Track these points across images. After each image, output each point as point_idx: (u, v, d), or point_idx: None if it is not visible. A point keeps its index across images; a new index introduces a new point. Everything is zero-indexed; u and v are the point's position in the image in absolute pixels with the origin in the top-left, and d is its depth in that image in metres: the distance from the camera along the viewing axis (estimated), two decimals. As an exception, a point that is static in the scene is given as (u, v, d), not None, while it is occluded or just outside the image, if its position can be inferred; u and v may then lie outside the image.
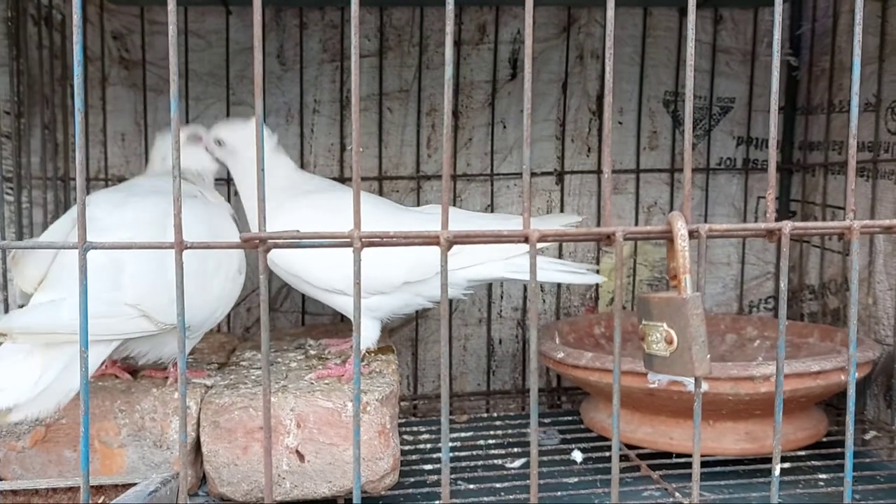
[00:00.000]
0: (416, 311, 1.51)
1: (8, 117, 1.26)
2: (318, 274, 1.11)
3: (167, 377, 1.06)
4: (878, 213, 1.30)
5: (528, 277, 1.14)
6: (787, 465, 1.13)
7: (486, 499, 1.04)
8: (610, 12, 0.59)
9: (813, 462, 1.15)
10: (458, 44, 1.48)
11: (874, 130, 1.31)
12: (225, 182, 1.43)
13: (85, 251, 0.53)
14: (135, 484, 0.74)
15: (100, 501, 0.74)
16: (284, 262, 1.11)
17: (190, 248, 0.54)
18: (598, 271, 1.50)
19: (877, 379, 1.30)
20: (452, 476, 1.11)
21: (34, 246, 0.57)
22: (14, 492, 0.76)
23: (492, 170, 1.51)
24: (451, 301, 1.51)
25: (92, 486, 0.73)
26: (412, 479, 1.11)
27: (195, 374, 1.09)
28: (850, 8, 1.37)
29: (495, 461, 1.18)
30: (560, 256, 1.54)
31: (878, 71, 1.29)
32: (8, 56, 1.21)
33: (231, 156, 1.17)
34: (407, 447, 1.22)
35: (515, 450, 1.22)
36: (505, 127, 1.52)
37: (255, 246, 0.56)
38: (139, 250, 0.66)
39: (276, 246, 0.56)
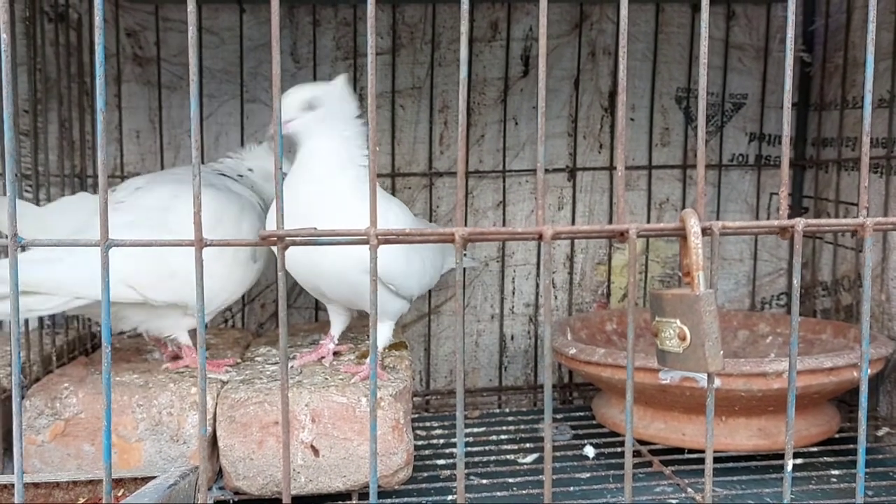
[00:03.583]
0: (429, 308, 1.52)
1: (26, 116, 1.27)
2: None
3: (187, 365, 1.09)
4: (892, 209, 1.30)
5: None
6: (799, 461, 1.13)
7: (498, 493, 1.05)
8: (623, 10, 0.59)
9: (825, 458, 1.15)
10: (470, 41, 1.49)
11: (888, 127, 1.30)
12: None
13: (107, 248, 0.54)
14: (154, 477, 0.75)
15: (120, 494, 0.75)
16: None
17: (210, 245, 0.55)
18: (609, 268, 1.52)
19: (890, 375, 1.30)
20: (465, 471, 1.12)
21: (56, 243, 0.58)
22: (36, 485, 0.77)
23: (504, 166, 1.52)
24: (463, 297, 1.52)
25: (112, 480, 0.74)
26: (425, 474, 1.12)
27: (215, 363, 1.11)
28: (864, 4, 1.37)
29: (508, 456, 1.19)
30: (572, 253, 1.55)
31: (891, 67, 1.29)
32: (26, 55, 1.22)
33: (324, 121, 1.03)
34: (420, 442, 1.23)
35: (528, 445, 1.23)
36: (517, 124, 1.52)
37: (274, 243, 0.57)
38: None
39: (294, 244, 0.57)
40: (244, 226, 1.11)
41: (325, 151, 1.04)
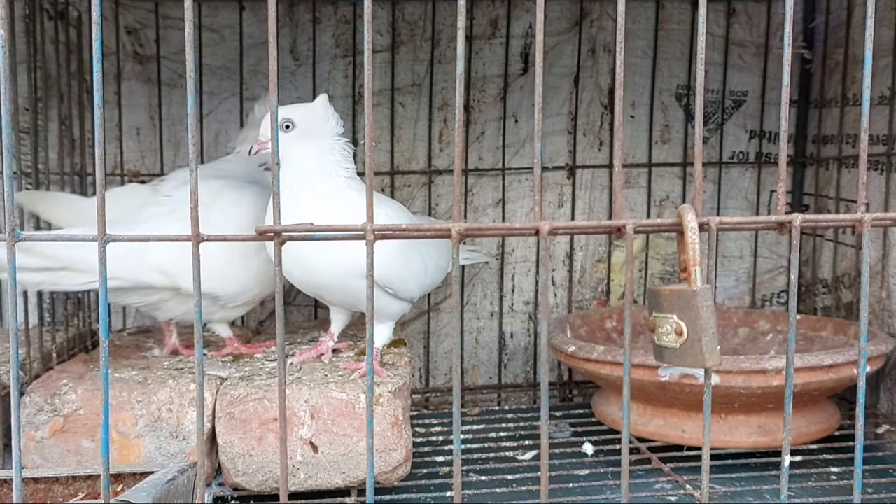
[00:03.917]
0: (428, 305, 1.52)
1: (27, 113, 1.27)
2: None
3: (231, 353, 1.19)
4: (893, 206, 1.30)
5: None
6: (799, 458, 1.13)
7: (497, 490, 1.05)
8: (621, 6, 0.59)
9: (825, 455, 1.15)
10: (470, 38, 1.49)
11: (888, 123, 1.30)
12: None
13: (105, 243, 0.54)
14: (152, 473, 0.75)
15: (118, 489, 0.75)
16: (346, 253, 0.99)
17: (206, 240, 0.55)
18: (609, 266, 1.52)
19: (890, 373, 1.30)
20: (464, 468, 1.12)
21: (54, 238, 0.58)
22: (35, 480, 0.77)
23: (503, 164, 1.52)
24: (461, 294, 1.52)
25: (111, 475, 0.75)
26: (424, 471, 1.12)
27: (254, 347, 1.22)
28: (864, 0, 1.37)
29: (507, 453, 1.19)
30: (572, 250, 1.55)
31: (892, 64, 1.29)
32: (26, 53, 1.22)
33: (301, 140, 1.04)
34: (419, 439, 1.23)
35: (527, 442, 1.23)
36: (517, 121, 1.52)
37: (270, 238, 0.57)
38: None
39: (291, 239, 0.57)
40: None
41: (301, 164, 1.03)
